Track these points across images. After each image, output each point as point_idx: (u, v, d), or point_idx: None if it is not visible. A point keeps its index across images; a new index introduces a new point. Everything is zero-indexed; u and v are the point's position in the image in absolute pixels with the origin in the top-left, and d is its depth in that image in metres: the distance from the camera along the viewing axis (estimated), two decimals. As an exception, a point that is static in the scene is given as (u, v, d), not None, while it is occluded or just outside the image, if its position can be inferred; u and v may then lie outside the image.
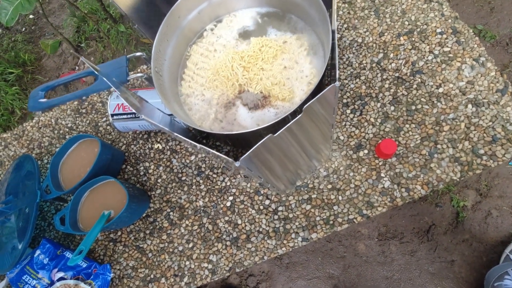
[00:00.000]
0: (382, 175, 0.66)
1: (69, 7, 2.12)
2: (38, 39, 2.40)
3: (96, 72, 0.39)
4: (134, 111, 0.66)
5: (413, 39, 0.72)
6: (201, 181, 0.73)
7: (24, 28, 2.57)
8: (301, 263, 1.28)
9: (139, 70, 0.81)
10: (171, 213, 0.73)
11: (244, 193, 0.70)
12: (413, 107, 0.68)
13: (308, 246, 1.27)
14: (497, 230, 1.16)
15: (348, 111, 0.70)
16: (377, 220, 1.26)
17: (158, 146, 0.77)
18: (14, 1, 1.37)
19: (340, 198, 0.66)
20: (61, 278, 0.66)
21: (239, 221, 0.69)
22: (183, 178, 0.74)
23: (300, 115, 0.31)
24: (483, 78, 0.66)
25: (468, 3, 1.44)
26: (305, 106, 0.30)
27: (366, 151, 0.68)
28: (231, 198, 0.70)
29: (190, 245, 0.69)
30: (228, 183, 0.71)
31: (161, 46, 0.51)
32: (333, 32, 0.44)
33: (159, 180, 0.75)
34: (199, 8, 0.55)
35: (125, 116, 0.69)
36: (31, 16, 2.59)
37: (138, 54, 0.51)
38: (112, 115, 0.69)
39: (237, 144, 0.62)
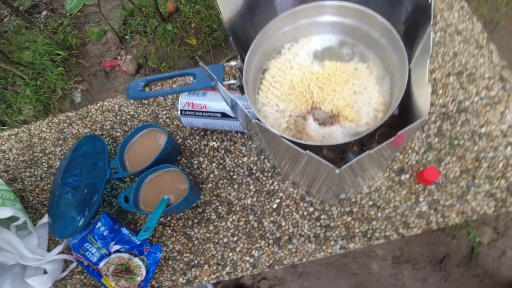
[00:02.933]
0: (421, 199, 0.72)
1: (120, 1, 2.24)
2: (83, 25, 2.53)
3: (210, 76, 0.46)
4: (204, 109, 0.74)
5: (462, 80, 0.79)
6: (251, 182, 0.79)
7: (69, 14, 2.70)
8: (314, 274, 1.32)
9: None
10: (220, 207, 0.79)
11: (290, 198, 0.76)
12: (456, 142, 0.74)
13: (324, 259, 1.32)
14: (510, 270, 1.20)
15: (395, 137, 0.77)
16: (393, 243, 1.31)
17: (214, 144, 0.84)
18: (81, -9, 1.47)
19: (379, 214, 0.72)
20: (117, 251, 0.73)
21: (283, 223, 0.75)
22: (234, 177, 0.81)
23: (393, 138, 0.38)
24: (524, 124, 0.72)
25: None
26: (401, 132, 0.37)
27: (407, 176, 0.74)
28: (277, 201, 0.77)
29: (235, 238, 0.76)
30: (277, 187, 0.78)
31: (250, 59, 0.59)
32: (410, 70, 0.51)
33: (211, 175, 0.82)
34: (283, 30, 0.63)
35: (192, 113, 0.76)
36: (78, 3, 2.72)
37: (233, 63, 0.58)
38: (181, 111, 0.76)
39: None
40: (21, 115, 1.97)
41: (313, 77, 0.60)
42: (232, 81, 0.56)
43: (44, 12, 2.80)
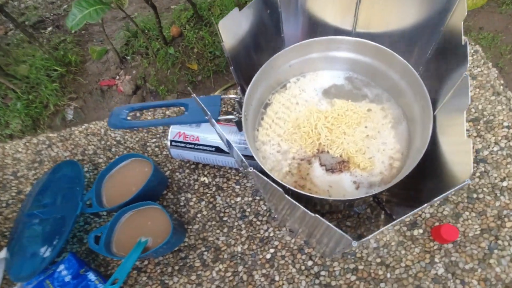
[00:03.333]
0: (436, 260, 0.63)
1: (125, 23, 2.24)
2: (86, 43, 2.51)
3: (203, 110, 0.39)
4: (197, 142, 0.66)
5: (479, 127, 0.73)
6: (243, 226, 0.70)
7: (74, 31, 2.70)
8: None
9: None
10: (206, 252, 0.69)
11: (286, 248, 0.67)
12: (475, 195, 0.66)
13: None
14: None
15: (406, 185, 0.69)
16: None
17: (205, 180, 0.76)
18: (84, 9, 1.45)
19: (388, 275, 0.62)
20: (80, 301, 0.62)
21: (277, 278, 0.65)
22: (225, 219, 0.71)
23: (402, 218, 0.30)
24: (550, 181, 0.65)
25: None
26: (434, 200, 0.29)
27: (421, 231, 0.65)
28: (272, 250, 0.67)
29: (220, 292, 0.65)
30: (272, 234, 0.68)
31: (252, 91, 0.52)
32: (435, 117, 0.44)
33: (199, 215, 0.73)
34: (291, 62, 0.57)
35: (183, 145, 0.68)
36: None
37: (232, 96, 0.52)
38: (171, 141, 0.69)
39: (301, 201, 0.60)
40: (7, 129, 1.89)
41: (321, 116, 0.54)
42: (230, 117, 0.49)
43: (50, 28, 2.80)
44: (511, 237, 0.62)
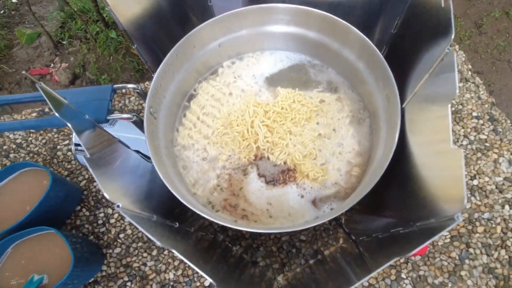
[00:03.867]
0: (403, 276, 0.54)
1: (59, 2, 1.95)
2: (16, 26, 2.18)
3: (60, 104, 0.24)
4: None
5: (447, 117, 0.64)
6: (176, 247, 0.57)
7: (3, 11, 2.34)
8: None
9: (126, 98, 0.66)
10: (129, 283, 0.55)
11: (229, 273, 0.54)
12: (443, 197, 0.58)
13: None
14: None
15: (369, 188, 0.59)
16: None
17: (129, 190, 0.61)
18: (-7, -20, 1.19)
19: (349, 297, 0.53)
20: None
21: (217, 311, 0.52)
22: (154, 239, 0.57)
23: (378, 270, 0.18)
24: (523, 177, 0.58)
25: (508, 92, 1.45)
26: (420, 247, 0.18)
27: (385, 242, 0.56)
28: (211, 276, 0.54)
29: (146, 335, 0.52)
30: (211, 256, 0.55)
31: (164, 80, 0.38)
32: (403, 110, 0.33)
33: (122, 235, 0.58)
34: (221, 40, 0.43)
35: (93, 149, 0.52)
36: (14, 0, 2.37)
37: (130, 86, 0.37)
38: (76, 145, 0.53)
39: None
40: None
41: (259, 110, 0.41)
42: (124, 115, 0.34)
43: (-27, 8, 2.40)
44: (483, 244, 0.55)
